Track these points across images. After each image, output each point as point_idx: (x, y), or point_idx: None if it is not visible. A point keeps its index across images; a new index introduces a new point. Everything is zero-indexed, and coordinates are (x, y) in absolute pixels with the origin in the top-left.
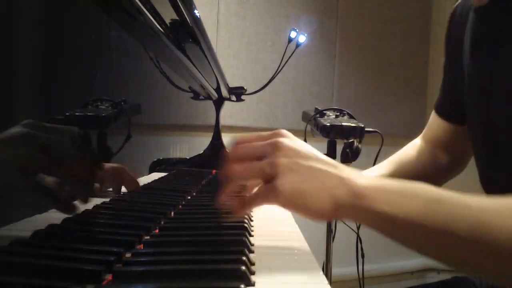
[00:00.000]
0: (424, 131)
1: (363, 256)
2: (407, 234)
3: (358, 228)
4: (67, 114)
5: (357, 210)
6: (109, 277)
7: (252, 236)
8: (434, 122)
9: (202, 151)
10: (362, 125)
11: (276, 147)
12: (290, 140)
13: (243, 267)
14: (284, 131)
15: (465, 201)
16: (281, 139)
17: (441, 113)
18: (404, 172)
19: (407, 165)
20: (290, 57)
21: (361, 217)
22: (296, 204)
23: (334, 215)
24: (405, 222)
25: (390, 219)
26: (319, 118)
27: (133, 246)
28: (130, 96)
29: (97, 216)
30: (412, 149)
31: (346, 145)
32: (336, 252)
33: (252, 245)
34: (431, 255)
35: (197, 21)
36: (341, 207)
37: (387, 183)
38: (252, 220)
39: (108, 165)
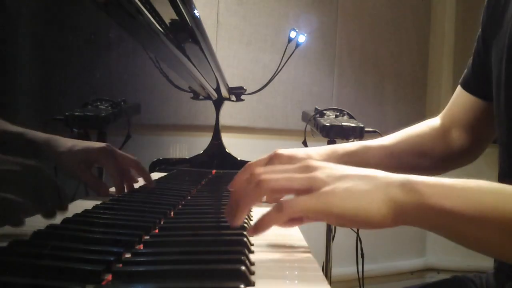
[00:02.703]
0: (444, 110)
1: (363, 256)
2: (481, 232)
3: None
4: (67, 114)
5: (418, 209)
6: (108, 277)
7: (252, 220)
8: (458, 98)
9: (202, 151)
10: (362, 125)
11: (310, 167)
12: (317, 160)
13: (243, 267)
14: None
15: None
16: (310, 161)
17: (468, 87)
18: (409, 146)
19: (414, 138)
20: (290, 57)
21: (424, 218)
22: (347, 208)
23: (396, 219)
24: (475, 218)
25: (456, 216)
26: (319, 118)
27: (133, 246)
28: (130, 96)
29: (97, 216)
30: (425, 124)
31: None
32: (336, 252)
33: (252, 245)
34: (502, 253)
35: (196, 21)
36: (400, 209)
37: (443, 179)
38: (251, 220)
39: (125, 155)
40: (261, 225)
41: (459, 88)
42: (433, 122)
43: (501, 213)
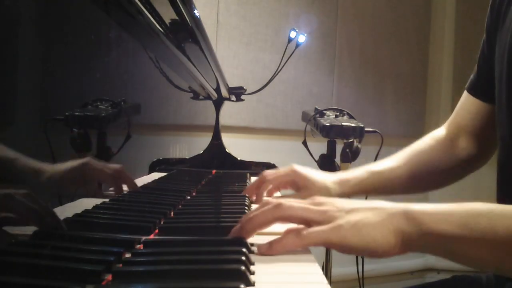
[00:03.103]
0: (449, 119)
1: (363, 256)
2: (477, 252)
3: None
4: (67, 114)
5: (421, 236)
6: (108, 277)
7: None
8: (464, 104)
9: (202, 151)
10: (362, 125)
11: (322, 202)
12: (324, 198)
13: (243, 267)
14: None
15: None
16: (320, 197)
17: (474, 91)
18: (416, 162)
19: (421, 154)
20: (290, 57)
21: (427, 244)
22: (359, 240)
23: (402, 248)
24: (473, 240)
25: (455, 240)
26: (319, 118)
27: (133, 246)
28: (130, 96)
29: (97, 216)
30: (429, 137)
31: (346, 145)
32: (336, 252)
33: (252, 245)
34: (499, 269)
35: (196, 21)
36: (405, 237)
37: (440, 205)
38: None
39: (107, 165)
40: (277, 248)
41: (465, 94)
42: (438, 134)
43: (494, 233)
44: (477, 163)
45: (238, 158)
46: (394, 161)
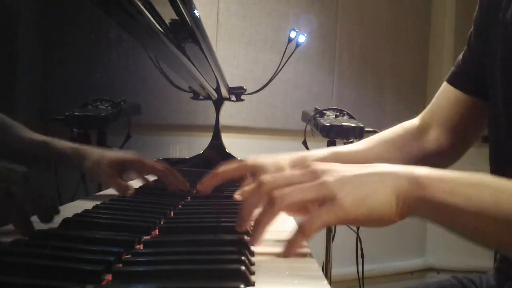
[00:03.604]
0: (424, 110)
1: (362, 256)
2: (478, 226)
3: (358, 228)
4: (67, 114)
5: (422, 202)
6: (108, 277)
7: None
8: (443, 95)
9: (202, 151)
10: (362, 125)
11: (315, 172)
12: (322, 163)
13: (243, 267)
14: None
15: None
16: (315, 164)
17: (456, 83)
18: (384, 150)
19: (388, 142)
20: (290, 57)
21: (427, 211)
22: (362, 212)
23: (402, 213)
24: (474, 213)
25: (457, 211)
26: (318, 118)
27: (133, 246)
28: (130, 96)
29: (97, 216)
30: (400, 126)
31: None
32: (336, 252)
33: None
34: (499, 246)
35: (196, 21)
36: (406, 202)
37: (447, 172)
38: (252, 220)
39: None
40: (290, 249)
41: (444, 85)
42: (409, 124)
43: (498, 208)
44: (448, 157)
45: (238, 158)
46: (360, 145)
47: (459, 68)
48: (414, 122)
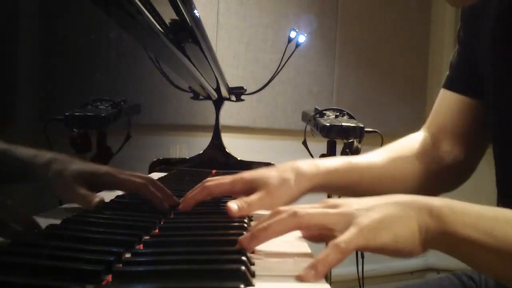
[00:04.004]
0: (428, 120)
1: (363, 256)
2: (500, 262)
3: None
4: (67, 114)
5: (443, 235)
6: (108, 277)
7: (252, 220)
8: (443, 103)
9: (202, 151)
10: (362, 125)
11: (336, 204)
12: (340, 199)
13: (243, 267)
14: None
15: None
16: (330, 199)
17: (454, 86)
18: (400, 168)
19: (403, 159)
20: (290, 57)
21: (448, 245)
22: (387, 238)
23: (425, 244)
24: (497, 249)
25: (479, 246)
26: (318, 118)
27: (133, 246)
28: (130, 96)
29: (97, 216)
30: (411, 143)
31: (346, 145)
32: None
33: None
34: None
35: (197, 21)
36: (429, 233)
37: (468, 205)
38: (252, 220)
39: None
40: (323, 269)
41: (442, 92)
42: (419, 138)
43: None
44: (466, 168)
45: (238, 158)
46: (374, 158)
47: (453, 71)
48: (422, 136)
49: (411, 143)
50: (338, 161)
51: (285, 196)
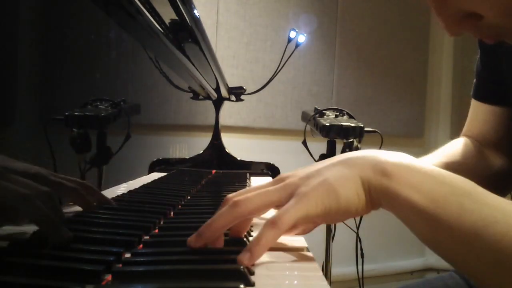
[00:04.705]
0: (465, 128)
1: (362, 256)
2: (436, 232)
3: (358, 228)
4: (67, 114)
5: (384, 194)
6: (108, 277)
7: (252, 236)
8: (476, 113)
9: (201, 151)
10: (362, 125)
11: (281, 178)
12: (290, 172)
13: (243, 267)
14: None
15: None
16: (281, 174)
17: (483, 97)
18: (456, 170)
19: (456, 164)
20: (289, 57)
21: (390, 204)
22: (329, 203)
23: (372, 203)
24: (436, 217)
25: (417, 210)
26: (318, 118)
27: (132, 246)
28: (130, 96)
29: (97, 216)
30: (460, 149)
31: (345, 145)
32: (335, 252)
33: None
34: (456, 262)
35: (196, 21)
36: (373, 191)
37: (419, 165)
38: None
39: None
40: (258, 251)
41: (473, 101)
42: (465, 144)
43: (460, 223)
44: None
45: (238, 158)
46: (434, 159)
47: (479, 80)
48: (467, 142)
49: (459, 149)
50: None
51: None
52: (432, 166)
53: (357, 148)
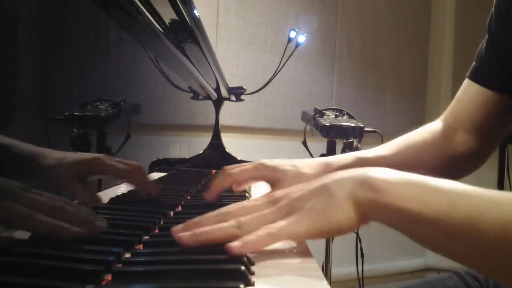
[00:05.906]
0: (446, 111)
1: (362, 256)
2: (432, 233)
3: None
4: (67, 114)
5: (376, 207)
6: (108, 277)
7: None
8: (466, 94)
9: (201, 151)
10: (362, 125)
11: (275, 200)
12: (284, 190)
13: (243, 267)
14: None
15: (495, 195)
16: (276, 193)
17: (479, 79)
18: (409, 155)
19: (414, 147)
20: (289, 57)
21: (384, 216)
22: (321, 225)
23: (363, 218)
24: (429, 219)
25: (411, 216)
26: (318, 118)
27: (132, 246)
28: (130, 96)
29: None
30: (425, 130)
31: (345, 145)
32: (335, 252)
33: None
34: (457, 257)
35: (196, 21)
36: (364, 209)
37: (407, 175)
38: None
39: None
40: (250, 248)
41: (466, 82)
42: (434, 126)
43: (450, 216)
44: (476, 161)
45: (238, 158)
46: (384, 149)
47: (481, 62)
48: (438, 125)
49: (424, 132)
50: (348, 157)
51: None
52: (417, 175)
53: (357, 148)
